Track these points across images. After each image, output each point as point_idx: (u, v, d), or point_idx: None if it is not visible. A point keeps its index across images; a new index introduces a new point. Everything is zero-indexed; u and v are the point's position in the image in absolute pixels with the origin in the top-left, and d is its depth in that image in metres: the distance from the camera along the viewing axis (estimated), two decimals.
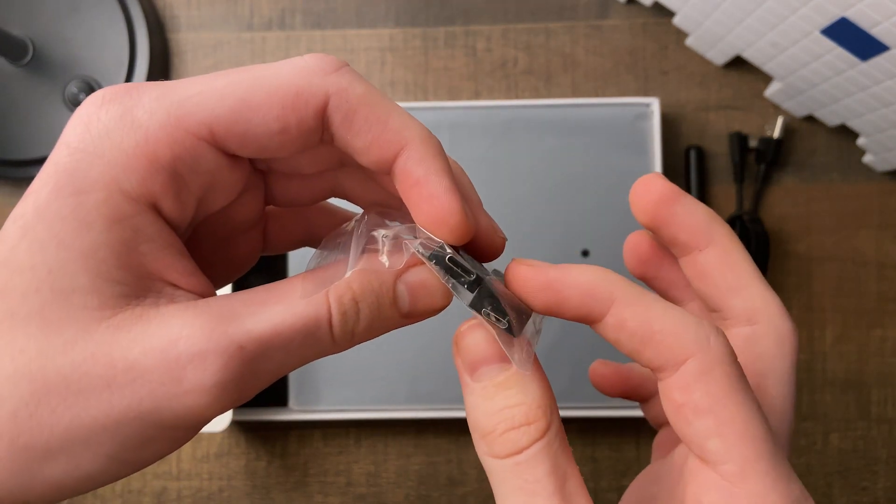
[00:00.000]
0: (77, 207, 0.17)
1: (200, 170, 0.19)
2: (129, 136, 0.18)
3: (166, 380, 0.17)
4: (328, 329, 0.19)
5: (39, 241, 0.17)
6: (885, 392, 0.52)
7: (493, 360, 0.20)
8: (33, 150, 0.51)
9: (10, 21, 0.50)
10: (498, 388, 0.20)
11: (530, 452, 0.19)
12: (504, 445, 0.19)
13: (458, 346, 0.20)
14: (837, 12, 0.40)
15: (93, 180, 0.18)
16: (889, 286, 0.52)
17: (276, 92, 0.19)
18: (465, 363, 0.20)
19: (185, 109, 0.18)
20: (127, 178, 0.18)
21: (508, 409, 0.19)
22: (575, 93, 0.53)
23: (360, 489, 0.52)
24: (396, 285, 0.20)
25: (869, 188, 0.52)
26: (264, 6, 0.54)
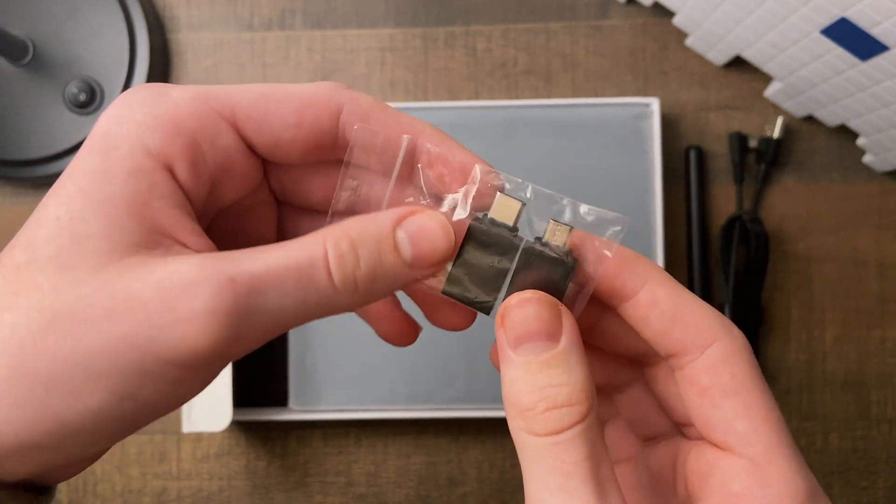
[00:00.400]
0: (103, 162, 0.19)
1: (218, 144, 0.21)
2: (161, 104, 0.20)
3: (161, 308, 0.18)
4: (326, 272, 0.19)
5: (67, 194, 0.19)
6: (884, 392, 0.52)
7: (541, 336, 0.20)
8: (33, 151, 0.51)
9: (10, 21, 0.50)
10: (542, 366, 0.19)
11: (570, 434, 0.19)
12: (544, 424, 0.19)
13: (506, 318, 0.20)
14: (837, 12, 0.40)
15: (121, 138, 0.19)
16: (889, 286, 0.52)
17: (295, 94, 0.21)
18: (511, 336, 0.20)
19: (213, 94, 0.21)
20: (151, 137, 0.19)
21: (551, 387, 0.19)
22: (575, 93, 0.53)
23: (360, 489, 0.52)
24: (396, 232, 0.20)
25: (869, 188, 0.52)
26: (264, 6, 0.54)
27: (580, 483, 0.19)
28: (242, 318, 0.18)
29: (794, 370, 0.52)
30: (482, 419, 0.51)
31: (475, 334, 0.51)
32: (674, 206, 0.52)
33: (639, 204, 0.49)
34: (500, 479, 0.52)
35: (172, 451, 0.52)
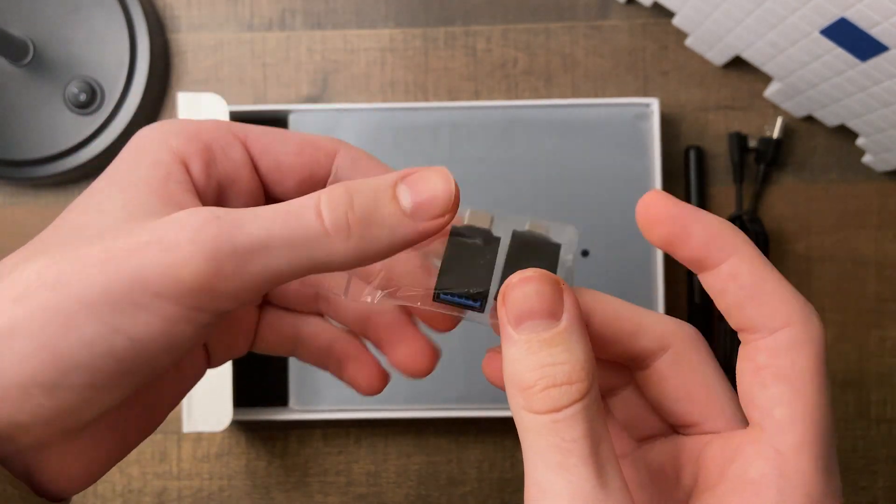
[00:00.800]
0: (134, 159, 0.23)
1: (229, 155, 0.24)
2: (188, 123, 0.24)
3: (150, 241, 0.19)
4: (315, 212, 0.19)
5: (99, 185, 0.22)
6: (884, 392, 0.52)
7: (543, 315, 0.20)
8: (33, 151, 0.51)
9: (10, 21, 0.51)
10: (543, 344, 0.20)
11: (569, 412, 0.19)
12: (544, 401, 0.19)
13: (507, 297, 0.20)
14: (837, 12, 0.40)
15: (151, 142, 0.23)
16: (888, 286, 0.52)
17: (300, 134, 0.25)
18: (511, 314, 0.20)
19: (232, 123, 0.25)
20: (174, 138, 0.23)
21: (552, 366, 0.19)
22: (575, 93, 0.53)
23: (361, 489, 0.52)
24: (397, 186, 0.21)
25: (868, 188, 0.52)
26: (264, 7, 0.54)
27: (579, 460, 0.19)
28: (225, 252, 0.19)
29: None
30: (482, 419, 0.51)
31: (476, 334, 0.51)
32: None
33: None
34: (500, 478, 0.52)
35: (173, 451, 0.52)
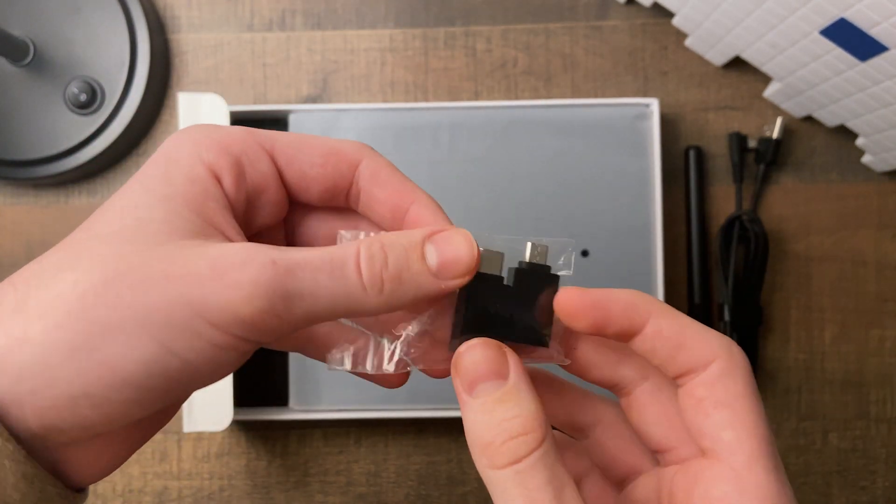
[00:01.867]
0: (166, 170, 0.22)
1: (258, 167, 0.24)
2: (215, 131, 0.24)
3: (212, 276, 0.20)
4: (356, 268, 0.21)
5: (132, 191, 0.22)
6: (883, 391, 0.52)
7: (490, 376, 0.21)
8: (34, 151, 0.51)
9: (10, 21, 0.51)
10: (496, 403, 0.21)
11: (529, 461, 0.20)
12: (505, 455, 0.20)
13: (457, 367, 0.22)
14: (836, 13, 0.40)
15: (183, 153, 0.23)
16: (888, 286, 0.52)
17: (326, 141, 0.25)
18: (464, 381, 0.22)
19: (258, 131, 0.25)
20: (206, 152, 0.23)
21: (506, 420, 0.21)
22: (575, 93, 0.53)
23: (361, 488, 0.52)
24: (424, 244, 0.22)
25: (868, 188, 0.52)
26: (265, 7, 0.54)
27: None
28: (279, 294, 0.20)
29: (793, 370, 0.52)
30: None
31: None
32: (673, 206, 0.52)
33: (638, 204, 0.49)
34: None
35: (173, 451, 0.52)
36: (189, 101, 0.47)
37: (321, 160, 0.24)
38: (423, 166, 0.49)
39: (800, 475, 0.52)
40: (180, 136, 0.24)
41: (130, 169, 0.54)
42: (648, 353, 0.23)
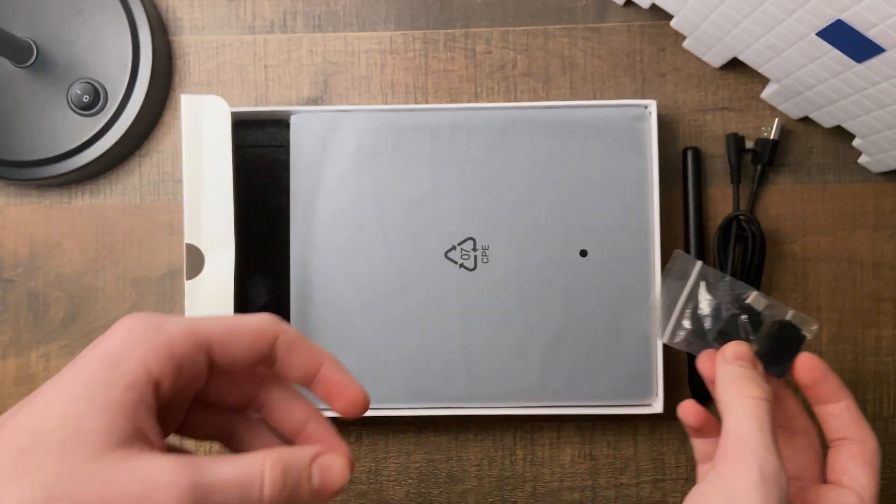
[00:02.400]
0: (110, 374, 0.25)
1: (196, 366, 0.27)
2: (161, 336, 0.26)
3: (142, 498, 0.24)
4: (260, 488, 0.26)
5: (75, 397, 0.25)
6: (880, 391, 0.52)
7: (751, 361, 0.38)
8: (37, 152, 0.51)
9: (13, 23, 0.51)
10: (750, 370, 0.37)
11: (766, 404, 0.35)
12: (755, 390, 0.35)
13: (726, 350, 0.38)
14: (833, 14, 0.40)
15: (129, 358, 0.26)
16: (884, 286, 0.53)
17: (251, 327, 0.29)
18: (731, 354, 0.38)
19: (197, 327, 0.27)
20: (152, 360, 0.26)
21: (758, 377, 0.37)
22: (573, 95, 0.53)
23: (361, 486, 0.52)
24: (311, 466, 0.28)
25: (864, 189, 0.53)
26: (266, 8, 0.54)
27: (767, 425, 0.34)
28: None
29: None
30: (482, 417, 0.52)
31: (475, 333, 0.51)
32: (671, 207, 0.53)
33: (636, 204, 0.49)
34: (499, 476, 0.52)
35: None
36: (191, 103, 0.48)
37: (248, 347, 0.28)
38: (422, 167, 0.50)
39: None
40: (126, 338, 0.26)
41: (133, 169, 0.54)
42: (830, 416, 0.38)
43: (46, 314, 0.54)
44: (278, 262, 0.51)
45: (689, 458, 0.53)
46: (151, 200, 0.54)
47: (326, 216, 0.50)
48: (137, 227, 0.54)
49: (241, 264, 0.48)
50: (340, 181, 0.50)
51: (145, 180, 0.54)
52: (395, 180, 0.50)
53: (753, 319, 0.40)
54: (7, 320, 0.54)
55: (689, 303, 0.41)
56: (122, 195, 0.54)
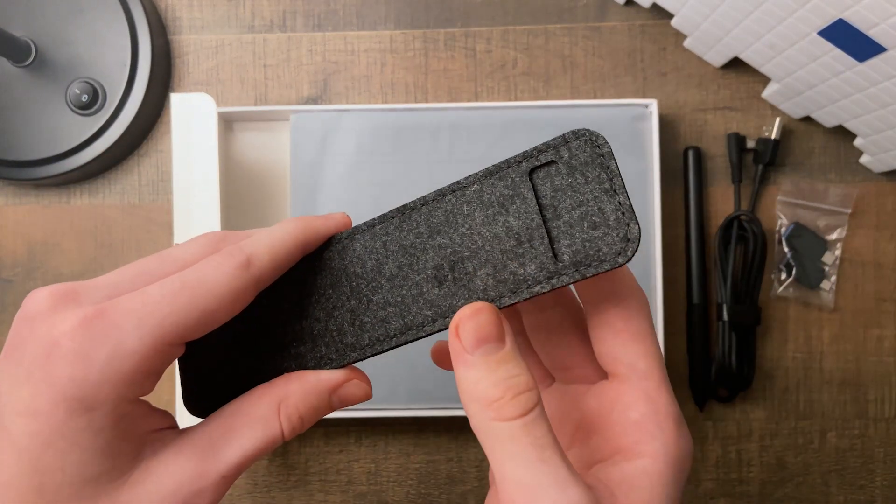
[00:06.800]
0: (90, 421, 0.22)
1: (174, 358, 0.24)
2: (129, 362, 0.22)
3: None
4: (281, 438, 0.25)
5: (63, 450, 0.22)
6: (881, 391, 0.52)
7: (495, 339, 0.24)
8: (36, 151, 0.51)
9: (12, 22, 0.51)
10: (499, 363, 0.23)
11: (536, 413, 0.23)
12: (514, 409, 0.23)
13: (462, 328, 0.24)
14: (835, 14, 0.40)
15: (101, 399, 0.22)
16: (885, 286, 0.52)
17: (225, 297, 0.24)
18: (469, 341, 0.24)
19: (165, 329, 0.23)
20: (129, 391, 0.23)
21: (511, 378, 0.23)
22: (574, 94, 0.53)
23: (361, 487, 0.52)
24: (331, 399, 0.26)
25: (866, 189, 0.53)
26: (265, 8, 0.54)
27: (552, 452, 0.23)
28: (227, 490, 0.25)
29: (791, 369, 0.52)
30: None
31: None
32: (672, 207, 0.52)
33: (637, 204, 0.49)
34: None
35: None
36: (181, 102, 0.47)
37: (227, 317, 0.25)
38: (422, 167, 0.50)
39: (798, 474, 0.52)
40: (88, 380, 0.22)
41: (132, 169, 0.54)
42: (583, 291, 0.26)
43: None
44: None
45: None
46: (150, 200, 0.54)
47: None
48: (136, 226, 0.54)
49: None
50: (340, 181, 0.50)
51: (144, 180, 0.54)
52: (394, 180, 0.50)
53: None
54: (5, 321, 0.53)
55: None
56: (120, 195, 0.54)
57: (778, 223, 0.52)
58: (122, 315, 0.22)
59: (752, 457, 0.52)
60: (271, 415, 0.25)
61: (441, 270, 0.25)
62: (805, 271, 0.52)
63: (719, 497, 0.52)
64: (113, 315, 0.22)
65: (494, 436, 0.23)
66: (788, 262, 0.52)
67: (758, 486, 0.52)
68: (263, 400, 0.25)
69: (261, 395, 0.25)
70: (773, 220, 0.52)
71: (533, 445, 0.22)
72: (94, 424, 0.22)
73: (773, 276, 0.52)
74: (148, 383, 0.23)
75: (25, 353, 0.22)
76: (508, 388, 0.23)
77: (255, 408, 0.25)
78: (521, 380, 0.23)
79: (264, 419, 0.25)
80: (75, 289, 0.24)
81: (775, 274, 0.52)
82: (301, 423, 0.25)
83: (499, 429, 0.23)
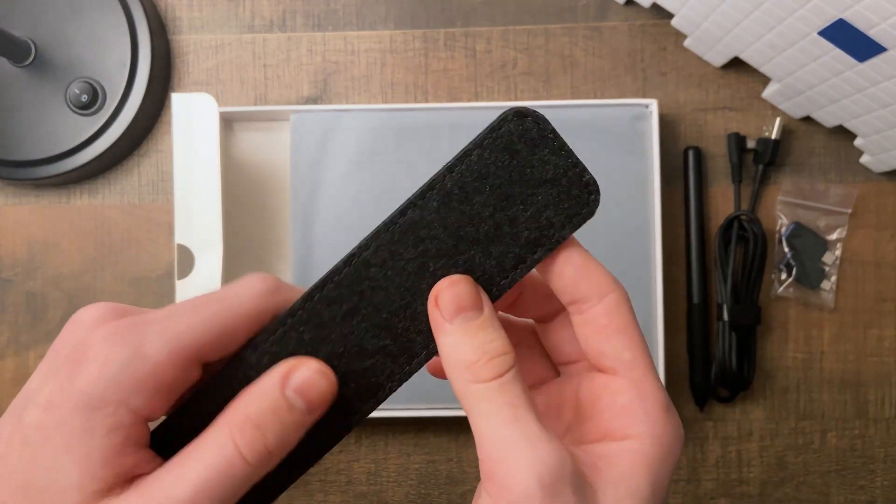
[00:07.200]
0: (89, 419, 0.22)
1: (189, 381, 0.24)
2: (142, 368, 0.22)
3: None
4: (242, 462, 0.23)
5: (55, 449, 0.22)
6: (881, 391, 0.52)
7: (472, 307, 0.25)
8: (35, 151, 0.51)
9: (12, 22, 0.51)
10: (477, 329, 0.25)
11: (510, 375, 0.24)
12: (490, 370, 0.24)
13: (440, 298, 0.25)
14: (835, 14, 0.40)
15: (107, 400, 0.22)
16: (886, 286, 0.52)
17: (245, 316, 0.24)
18: (447, 311, 0.25)
19: (184, 342, 0.23)
20: (136, 399, 0.22)
21: (487, 343, 0.25)
22: (574, 94, 0.53)
23: (361, 487, 0.52)
24: (285, 394, 0.24)
25: (866, 189, 0.53)
26: (265, 8, 0.54)
27: (525, 411, 0.24)
28: None
29: (791, 369, 0.52)
30: None
31: None
32: (672, 207, 0.52)
33: (637, 204, 0.49)
34: None
35: None
36: (181, 102, 0.47)
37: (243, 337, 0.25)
38: (422, 167, 0.50)
39: (798, 474, 0.52)
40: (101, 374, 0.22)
41: (132, 169, 0.54)
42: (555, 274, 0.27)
43: (45, 314, 0.53)
44: (279, 261, 0.51)
45: (690, 457, 0.52)
46: (150, 200, 0.54)
47: (326, 216, 0.50)
48: (136, 226, 0.54)
49: (240, 265, 0.47)
50: (340, 181, 0.50)
51: (144, 180, 0.54)
52: (394, 180, 0.50)
53: None
54: (5, 320, 0.53)
55: None
56: (120, 195, 0.54)
57: (778, 223, 0.52)
58: (148, 324, 0.23)
59: (752, 457, 0.52)
60: (222, 436, 0.23)
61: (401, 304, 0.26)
62: (805, 271, 0.52)
63: (719, 497, 0.52)
64: (140, 325, 0.23)
65: (472, 397, 0.24)
66: (788, 262, 0.52)
67: (758, 486, 0.52)
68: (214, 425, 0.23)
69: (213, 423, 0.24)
70: (774, 220, 0.52)
71: (507, 405, 0.24)
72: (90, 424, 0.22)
73: (773, 276, 0.52)
74: (157, 398, 0.23)
75: (59, 355, 0.23)
76: (485, 351, 0.24)
77: (205, 435, 0.23)
78: (497, 344, 0.25)
79: (216, 443, 0.23)
80: (127, 308, 0.24)
81: (775, 274, 0.52)
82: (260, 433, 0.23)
83: (476, 390, 0.24)
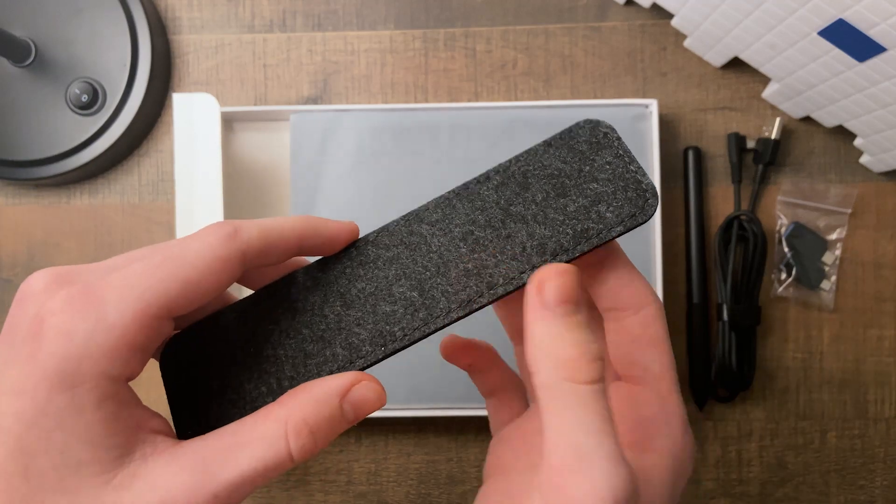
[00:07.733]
0: (72, 398, 0.22)
1: (161, 336, 0.23)
2: (110, 335, 0.22)
3: None
4: (289, 459, 0.23)
5: (47, 431, 0.21)
6: (881, 391, 0.52)
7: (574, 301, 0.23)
8: (36, 151, 0.51)
9: (12, 22, 0.51)
10: (578, 325, 0.23)
11: (602, 385, 0.23)
12: (590, 373, 0.23)
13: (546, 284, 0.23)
14: (835, 14, 0.40)
15: (83, 375, 0.22)
16: (885, 286, 0.52)
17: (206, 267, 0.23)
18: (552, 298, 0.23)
19: (147, 301, 0.22)
20: (112, 367, 0.22)
21: (590, 342, 0.23)
22: (574, 94, 0.53)
23: (361, 487, 0.52)
24: (343, 406, 0.24)
25: (866, 189, 0.53)
26: (265, 8, 0.54)
27: (611, 426, 0.22)
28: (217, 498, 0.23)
29: (791, 369, 0.52)
30: (482, 417, 0.51)
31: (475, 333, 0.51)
32: (672, 207, 0.52)
33: None
34: None
35: None
36: (183, 102, 0.47)
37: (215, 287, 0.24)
38: (423, 167, 0.50)
39: (798, 474, 0.52)
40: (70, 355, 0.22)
41: (132, 169, 0.54)
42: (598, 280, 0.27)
43: None
44: None
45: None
46: (150, 200, 0.54)
47: (326, 215, 0.49)
48: (136, 227, 0.54)
49: None
50: (340, 181, 0.50)
51: (144, 180, 0.54)
52: (394, 180, 0.50)
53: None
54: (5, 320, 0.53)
55: None
56: (120, 195, 0.54)
57: (778, 223, 0.52)
58: (106, 290, 0.22)
59: (752, 457, 0.52)
60: (276, 433, 0.23)
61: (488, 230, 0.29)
62: (805, 271, 0.52)
63: (719, 497, 0.52)
64: (97, 290, 0.22)
65: (563, 395, 0.22)
66: (788, 262, 0.52)
67: (758, 486, 0.52)
68: (269, 417, 0.24)
69: (266, 413, 0.24)
70: (773, 220, 0.52)
71: (599, 415, 0.22)
72: (77, 402, 0.21)
73: (773, 276, 0.52)
74: (134, 360, 0.22)
75: (16, 333, 0.22)
76: (586, 351, 0.23)
77: (259, 425, 0.23)
78: (596, 346, 0.23)
79: (269, 437, 0.23)
80: (70, 271, 0.23)
81: (775, 274, 0.52)
82: (313, 438, 0.23)
83: (570, 389, 0.22)
